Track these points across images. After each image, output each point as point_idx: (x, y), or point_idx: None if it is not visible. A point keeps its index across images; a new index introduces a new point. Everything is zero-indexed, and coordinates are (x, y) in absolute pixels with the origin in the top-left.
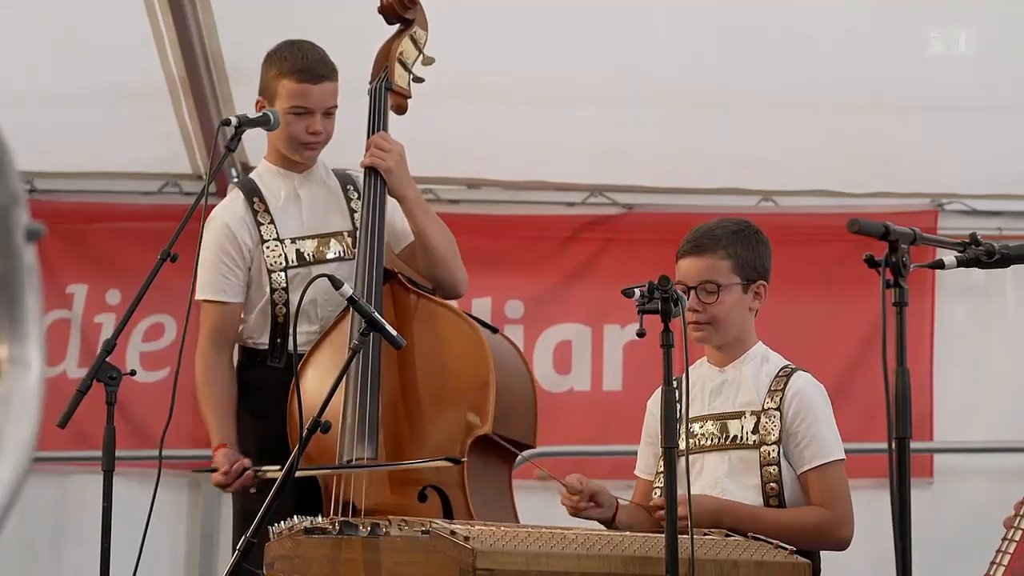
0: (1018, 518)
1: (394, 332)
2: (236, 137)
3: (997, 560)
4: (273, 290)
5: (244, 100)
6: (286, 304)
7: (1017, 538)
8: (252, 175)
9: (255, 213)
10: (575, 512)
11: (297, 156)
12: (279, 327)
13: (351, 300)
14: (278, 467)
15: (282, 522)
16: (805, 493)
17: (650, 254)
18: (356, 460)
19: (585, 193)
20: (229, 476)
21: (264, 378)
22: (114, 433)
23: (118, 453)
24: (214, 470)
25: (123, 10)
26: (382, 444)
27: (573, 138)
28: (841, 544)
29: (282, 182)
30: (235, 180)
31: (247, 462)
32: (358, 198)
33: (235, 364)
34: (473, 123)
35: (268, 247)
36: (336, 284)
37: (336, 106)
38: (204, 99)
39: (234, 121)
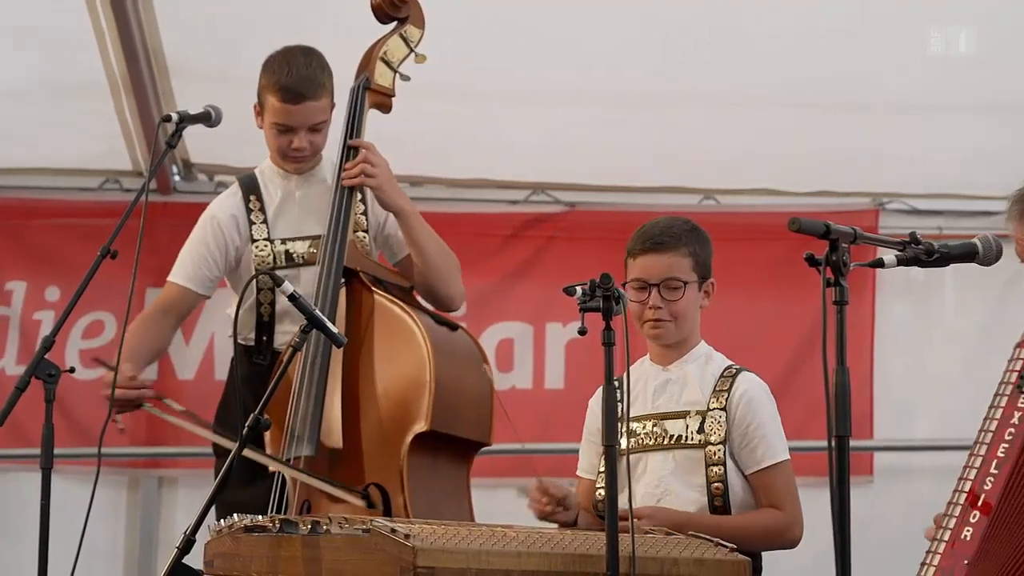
0: (947, 517)
1: (335, 330)
2: (177, 134)
3: (928, 561)
4: (259, 289)
5: (185, 96)
6: (271, 304)
7: (946, 538)
8: (255, 171)
9: (249, 211)
10: (543, 515)
11: (286, 166)
12: (264, 325)
13: (291, 298)
14: (183, 408)
15: (221, 520)
16: (755, 494)
17: (592, 252)
18: (295, 458)
19: (527, 191)
20: (131, 381)
21: (251, 374)
22: (52, 431)
23: (57, 451)
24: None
25: (64, 6)
26: (336, 443)
27: (516, 136)
28: (792, 544)
29: (281, 182)
30: (177, 176)
31: (148, 381)
32: (361, 199)
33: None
34: (416, 121)
35: (257, 246)
36: (277, 282)
37: (325, 121)
38: (145, 95)
39: (175, 117)
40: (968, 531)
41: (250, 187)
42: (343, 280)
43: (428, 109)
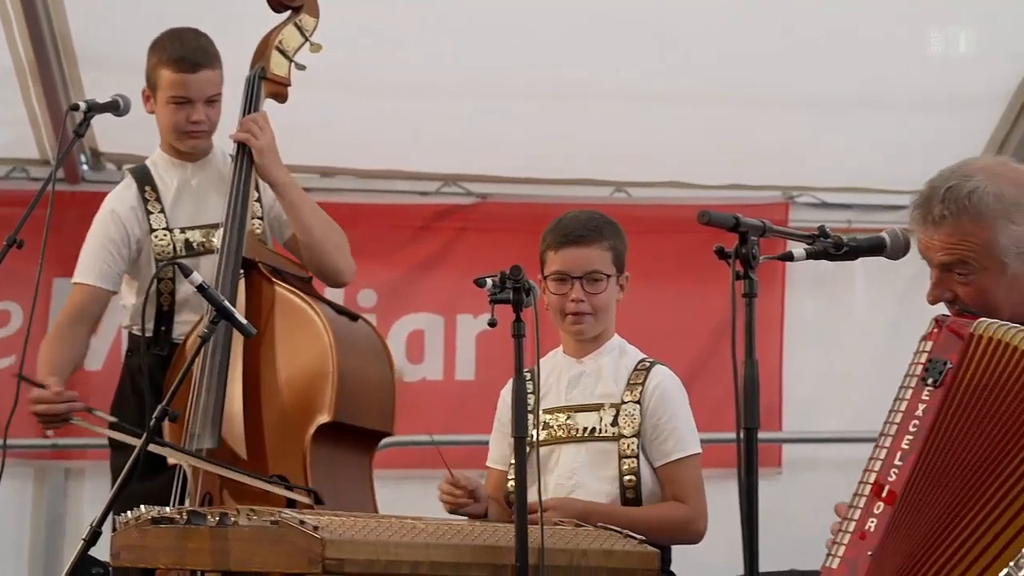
0: (851, 508)
1: (243, 320)
2: (85, 122)
3: (832, 552)
4: (159, 279)
5: (93, 84)
6: (172, 293)
7: (851, 529)
8: (147, 163)
9: (146, 202)
10: (454, 508)
11: (182, 146)
12: (163, 316)
13: (200, 288)
14: (113, 419)
15: (128, 512)
16: (662, 487)
17: (503, 244)
18: (197, 450)
19: (439, 182)
20: (59, 396)
21: (150, 365)
22: None
23: None
24: (42, 386)
25: None
26: (238, 436)
27: (427, 128)
28: (696, 538)
29: (175, 171)
30: (85, 166)
31: (75, 394)
32: (255, 186)
33: (125, 350)
34: (328, 111)
35: (156, 236)
36: (185, 272)
37: (219, 94)
38: (52, 83)
39: (83, 106)
40: (872, 522)
41: (144, 178)
42: (242, 271)
43: (339, 100)
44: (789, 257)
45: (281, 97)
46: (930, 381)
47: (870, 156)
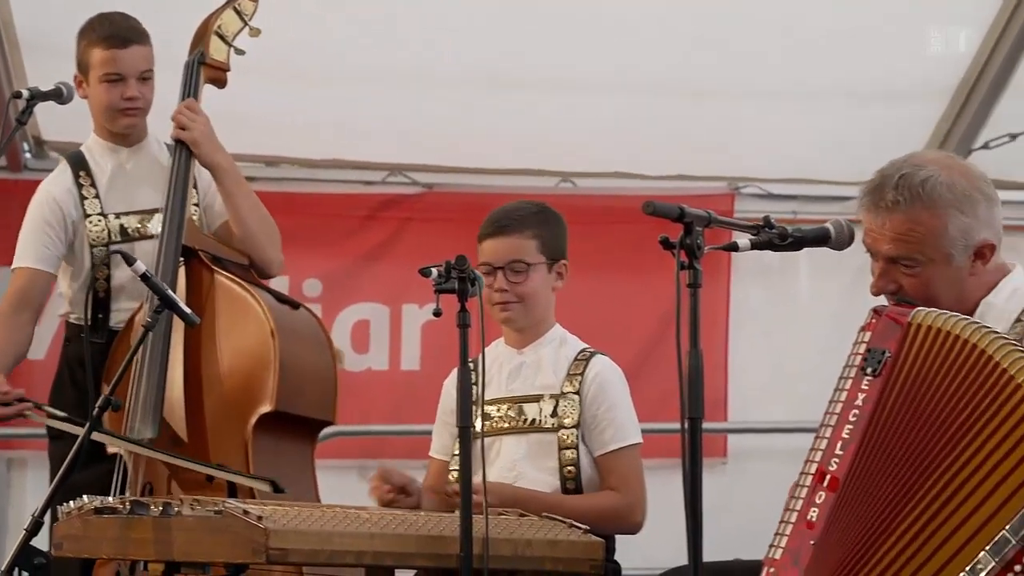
0: (793, 499)
1: (188, 310)
2: (27, 110)
3: (775, 543)
4: (94, 265)
5: (36, 71)
6: (107, 279)
7: (793, 519)
8: (82, 148)
9: (80, 187)
10: (386, 502)
11: (118, 126)
12: (100, 303)
13: (144, 277)
14: (63, 415)
15: (71, 502)
16: (601, 477)
17: (449, 234)
18: (138, 440)
19: (384, 172)
20: (6, 396)
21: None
22: None
23: None
24: None
25: None
26: (179, 425)
27: (372, 117)
28: (633, 528)
29: (110, 156)
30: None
31: (22, 392)
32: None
33: (63, 339)
34: (272, 100)
35: (91, 222)
36: (129, 261)
37: (151, 70)
38: None
39: (25, 94)
40: (815, 511)
41: (78, 163)
42: (181, 259)
43: (284, 89)
44: (734, 247)
45: (220, 83)
46: (869, 371)
47: (816, 147)
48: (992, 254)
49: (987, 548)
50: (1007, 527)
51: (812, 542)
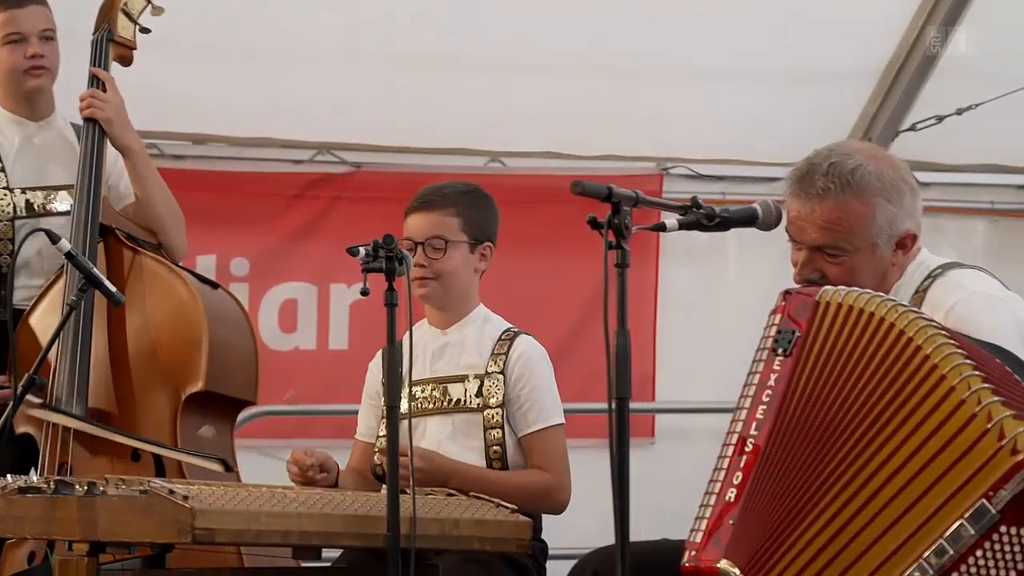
0: (712, 482)
1: (113, 288)
2: None
3: (696, 527)
4: None
5: None
6: (11, 255)
7: (712, 502)
8: None
9: None
10: (303, 482)
11: (26, 89)
12: (2, 279)
13: (69, 256)
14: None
15: None
16: (525, 457)
17: (377, 213)
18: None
19: (313, 151)
20: None
21: None
22: None
23: None
24: None
25: None
26: (103, 403)
27: (301, 95)
28: (558, 508)
29: (16, 129)
30: None
31: None
32: None
33: None
34: (200, 77)
35: None
36: (54, 239)
37: (53, 31)
38: None
39: None
40: (732, 492)
41: None
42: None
43: (212, 67)
44: (662, 228)
45: (127, 60)
46: (780, 351)
47: (744, 128)
48: (913, 244)
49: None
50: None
51: (731, 522)
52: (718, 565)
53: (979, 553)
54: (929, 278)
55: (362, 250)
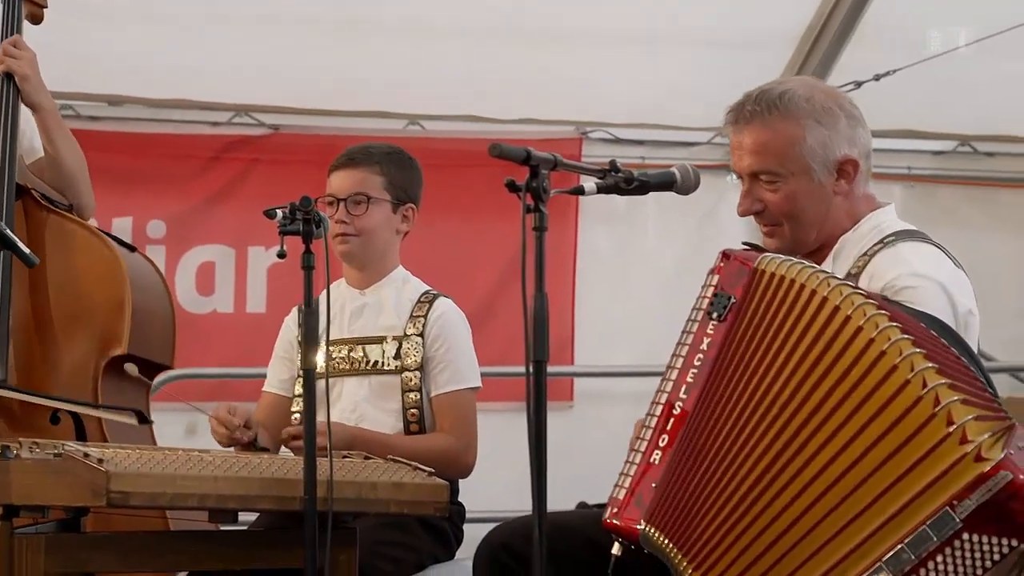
0: (638, 440)
1: (27, 250)
2: None
3: (619, 483)
4: None
5: None
6: None
7: (637, 461)
8: None
9: None
10: (229, 441)
11: None
12: None
13: None
14: None
15: None
16: (435, 417)
17: (296, 175)
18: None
19: (231, 113)
20: None
21: None
22: None
23: None
24: None
25: None
26: (13, 367)
27: (219, 57)
28: (463, 471)
29: None
30: None
31: None
32: None
33: None
34: (117, 38)
35: None
36: None
37: None
38: None
39: None
40: (658, 454)
41: None
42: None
43: (130, 29)
44: (580, 191)
45: (37, 19)
46: (715, 315)
47: (663, 93)
48: (856, 172)
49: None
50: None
51: (654, 484)
52: (638, 527)
53: (939, 559)
54: (880, 243)
55: (279, 212)
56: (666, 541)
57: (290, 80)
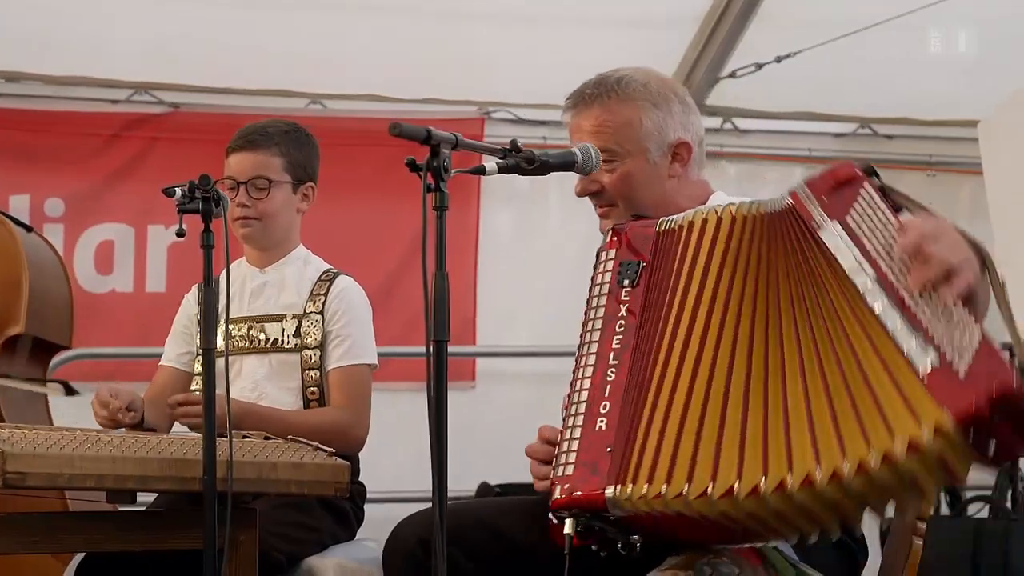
0: (571, 416)
1: None
2: None
3: (562, 461)
4: None
5: None
6: None
7: (577, 435)
8: None
9: None
10: (112, 424)
11: None
12: None
13: None
14: None
15: None
16: (329, 391)
17: (196, 154)
18: None
19: (130, 90)
20: None
21: None
22: None
23: None
24: None
25: None
26: None
27: (119, 34)
28: (353, 446)
29: None
30: None
31: None
32: None
33: None
34: (14, 15)
35: None
36: None
37: None
38: None
39: None
40: (603, 421)
41: None
42: None
43: (27, 3)
44: (481, 171)
45: None
46: (627, 283)
47: (566, 73)
48: (689, 156)
49: None
50: None
51: (608, 449)
52: (605, 492)
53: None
54: None
55: (178, 191)
56: (634, 491)
57: (190, 58)
